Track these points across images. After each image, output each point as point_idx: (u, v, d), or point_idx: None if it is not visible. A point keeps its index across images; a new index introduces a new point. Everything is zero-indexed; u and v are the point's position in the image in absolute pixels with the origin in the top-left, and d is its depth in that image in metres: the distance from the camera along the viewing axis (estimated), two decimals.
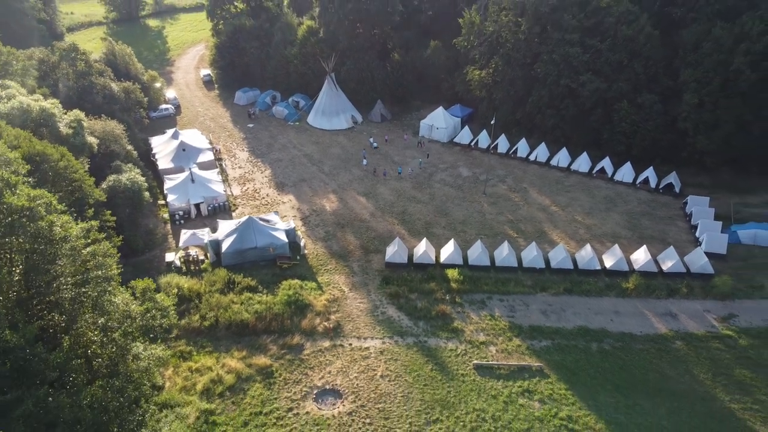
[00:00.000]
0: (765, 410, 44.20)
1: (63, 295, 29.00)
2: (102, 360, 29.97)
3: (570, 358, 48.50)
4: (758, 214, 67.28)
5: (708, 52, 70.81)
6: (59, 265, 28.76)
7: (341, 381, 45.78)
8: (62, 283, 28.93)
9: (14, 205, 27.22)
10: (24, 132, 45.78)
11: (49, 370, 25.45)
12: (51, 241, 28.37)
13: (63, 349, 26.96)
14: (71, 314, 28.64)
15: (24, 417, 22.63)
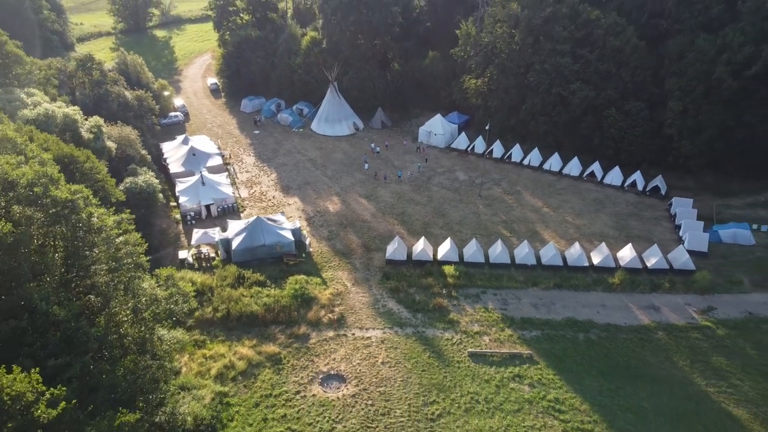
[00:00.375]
0: (738, 393, 47.65)
1: (98, 279, 32.59)
2: (132, 338, 33.48)
3: (558, 347, 51.99)
4: (739, 215, 71.00)
5: (692, 61, 74.72)
6: (96, 252, 32.39)
7: (345, 367, 49.26)
8: (98, 269, 32.54)
9: (59, 197, 30.89)
10: (51, 136, 49.50)
11: (91, 342, 28.96)
12: (89, 230, 32.02)
13: (100, 325, 30.52)
14: (106, 296, 32.22)
15: (73, 379, 26.03)
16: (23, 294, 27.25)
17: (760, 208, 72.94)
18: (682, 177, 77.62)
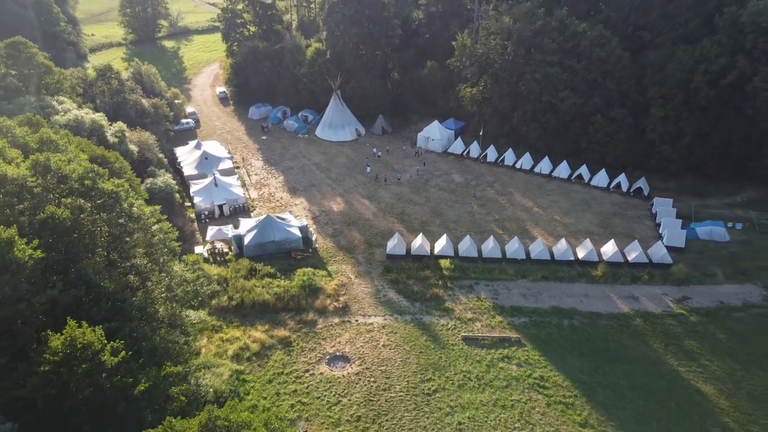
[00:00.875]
0: (707, 372, 52.53)
1: (137, 261, 37.60)
2: (165, 313, 38.41)
3: (544, 332, 56.90)
4: (716, 214, 76.08)
5: (672, 71, 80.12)
6: (135, 237, 37.40)
7: (349, 349, 54.17)
8: (137, 252, 37.54)
9: (105, 189, 35.93)
10: (83, 139, 54.63)
11: (134, 312, 33.88)
12: (130, 218, 37.04)
13: (141, 298, 35.49)
14: (144, 275, 37.17)
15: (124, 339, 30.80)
16: (80, 269, 32.19)
17: (736, 207, 78.02)
18: (665, 179, 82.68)
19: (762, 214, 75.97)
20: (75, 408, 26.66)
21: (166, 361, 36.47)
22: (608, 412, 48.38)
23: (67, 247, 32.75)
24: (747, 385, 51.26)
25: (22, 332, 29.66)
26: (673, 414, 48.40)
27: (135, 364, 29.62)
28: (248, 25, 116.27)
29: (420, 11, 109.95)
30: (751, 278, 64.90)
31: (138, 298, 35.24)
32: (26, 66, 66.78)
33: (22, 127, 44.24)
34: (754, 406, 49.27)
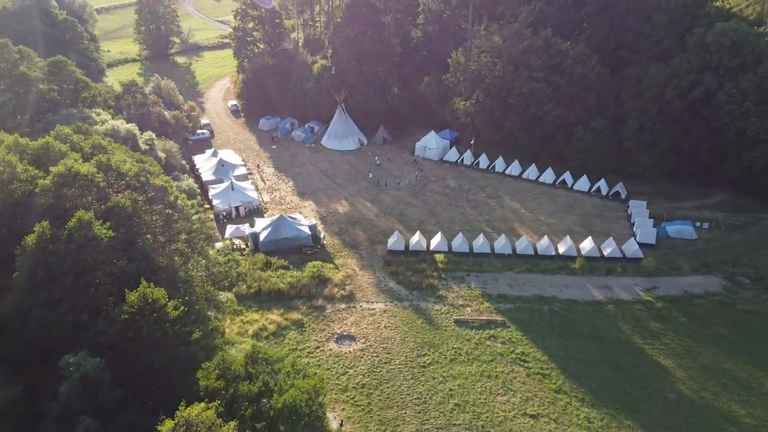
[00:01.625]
0: (668, 349, 60.00)
1: (179, 246, 45.31)
2: (201, 290, 46.02)
3: (526, 316, 64.43)
4: (687, 215, 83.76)
5: (646, 86, 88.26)
6: (179, 224, 45.13)
7: (355, 329, 61.72)
8: (180, 237, 45.26)
9: (156, 185, 43.71)
10: (123, 146, 62.55)
11: (180, 284, 41.50)
12: (174, 208, 44.79)
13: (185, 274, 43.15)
14: (186, 256, 44.84)
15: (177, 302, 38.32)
16: (139, 247, 39.84)
17: (705, 209, 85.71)
18: (641, 184, 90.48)
19: (727, 215, 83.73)
20: (146, 348, 34.14)
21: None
22: (579, 381, 55.88)
23: (127, 229, 40.40)
24: (701, 359, 58.78)
25: (98, 294, 37.23)
26: (636, 383, 55.89)
27: (188, 319, 37.14)
28: (258, 43, 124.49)
29: (418, 30, 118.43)
30: (714, 271, 72.52)
31: (183, 274, 42.84)
32: (66, 81, 74.93)
33: (77, 135, 52.06)
34: (706, 376, 56.77)
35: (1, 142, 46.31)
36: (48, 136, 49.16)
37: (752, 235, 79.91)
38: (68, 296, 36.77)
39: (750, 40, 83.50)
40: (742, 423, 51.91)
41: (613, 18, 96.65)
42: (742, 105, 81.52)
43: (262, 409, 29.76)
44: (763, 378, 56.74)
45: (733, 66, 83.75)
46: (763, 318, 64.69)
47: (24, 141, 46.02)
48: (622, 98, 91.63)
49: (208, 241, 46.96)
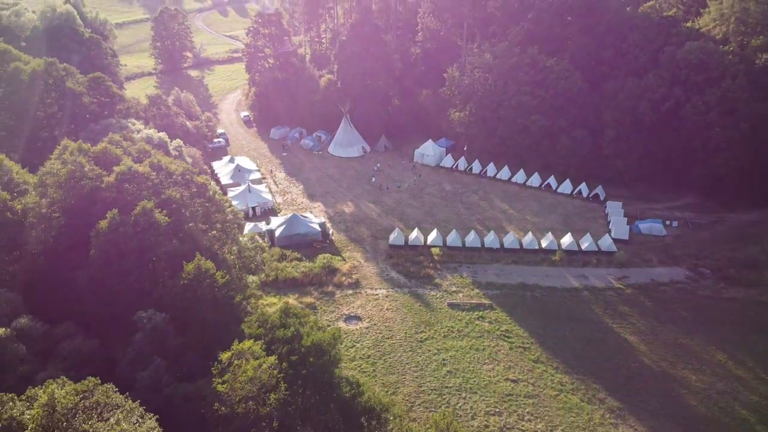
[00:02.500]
0: (634, 328, 68.90)
1: (217, 233, 54.48)
2: (236, 272, 55.12)
3: (511, 300, 73.43)
4: (659, 214, 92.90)
5: (623, 99, 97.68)
6: (216, 215, 54.30)
7: (361, 311, 70.74)
8: (217, 226, 54.43)
9: (198, 182, 52.95)
10: (158, 152, 71.83)
11: (222, 264, 50.60)
12: (212, 201, 54.00)
13: (221, 255, 52.29)
14: (222, 241, 53.97)
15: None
16: (189, 231, 49.01)
17: (676, 209, 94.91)
18: (618, 187, 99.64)
19: (695, 215, 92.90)
20: (201, 307, 43.11)
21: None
22: (555, 353, 64.85)
23: (177, 217, 49.49)
24: (662, 336, 67.73)
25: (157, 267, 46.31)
26: (604, 355, 64.84)
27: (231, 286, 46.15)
28: (268, 59, 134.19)
29: (417, 47, 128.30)
30: (679, 263, 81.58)
31: (221, 255, 51.91)
32: (103, 95, 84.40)
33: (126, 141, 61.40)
34: (665, 350, 65.71)
35: (67, 147, 55.54)
36: (103, 142, 58.47)
37: (716, 232, 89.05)
38: (134, 269, 45.86)
39: (715, 58, 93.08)
40: (693, 386, 60.84)
41: (594, 37, 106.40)
42: (707, 116, 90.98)
43: (294, 347, 38.62)
44: (714, 351, 65.69)
45: (699, 81, 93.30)
46: (718, 302, 73.75)
47: (86, 146, 55.15)
48: (601, 110, 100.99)
49: (239, 230, 56.02)
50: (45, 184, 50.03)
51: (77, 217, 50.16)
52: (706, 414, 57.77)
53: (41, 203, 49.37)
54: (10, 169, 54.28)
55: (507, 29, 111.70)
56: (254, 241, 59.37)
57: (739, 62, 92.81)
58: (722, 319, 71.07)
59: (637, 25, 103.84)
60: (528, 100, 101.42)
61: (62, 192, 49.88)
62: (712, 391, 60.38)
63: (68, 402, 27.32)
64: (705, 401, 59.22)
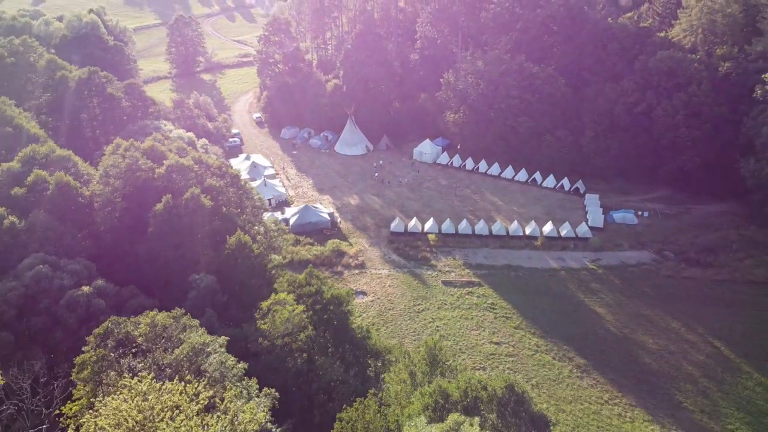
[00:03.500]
0: (602, 302, 79.70)
1: (248, 216, 65.29)
2: (262, 248, 65.85)
3: (497, 279, 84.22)
4: (633, 206, 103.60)
5: (601, 102, 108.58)
6: (246, 201, 65.08)
7: (366, 287, 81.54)
8: (247, 210, 65.25)
9: (231, 173, 63.77)
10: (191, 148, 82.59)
11: (254, 240, 61.39)
12: (243, 189, 64.79)
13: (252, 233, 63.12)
14: (251, 223, 64.73)
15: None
16: (226, 213, 59.81)
17: (648, 201, 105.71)
18: (597, 182, 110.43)
19: (665, 206, 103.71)
20: (239, 272, 53.77)
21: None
22: (533, 322, 75.68)
23: (217, 201, 60.27)
24: (627, 309, 78.52)
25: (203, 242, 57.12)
26: (575, 324, 75.63)
27: (264, 256, 56.93)
28: (278, 64, 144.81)
29: (416, 54, 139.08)
30: (647, 247, 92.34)
31: (253, 233, 62.74)
32: (137, 99, 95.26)
33: (166, 140, 72.22)
34: (628, 319, 76.48)
35: (120, 145, 66.31)
36: (149, 140, 69.31)
37: (681, 221, 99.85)
38: (184, 243, 56.58)
39: (683, 66, 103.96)
40: (649, 348, 71.68)
41: (576, 46, 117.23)
42: (675, 118, 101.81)
43: (317, 299, 49.21)
44: (670, 320, 76.50)
45: (668, 86, 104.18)
46: (678, 281, 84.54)
47: (137, 143, 65.83)
48: (582, 112, 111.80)
49: (265, 214, 66.79)
50: (108, 174, 60.81)
51: (134, 202, 60.94)
52: (658, 369, 68.63)
53: (105, 190, 60.16)
54: (75, 162, 65.12)
55: (498, 38, 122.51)
56: (277, 224, 70.11)
57: (704, 70, 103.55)
58: (680, 294, 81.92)
59: (616, 35, 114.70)
60: (516, 104, 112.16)
61: (122, 181, 60.68)
62: (664, 351, 71.25)
63: (165, 321, 38.00)
64: (658, 360, 70.09)
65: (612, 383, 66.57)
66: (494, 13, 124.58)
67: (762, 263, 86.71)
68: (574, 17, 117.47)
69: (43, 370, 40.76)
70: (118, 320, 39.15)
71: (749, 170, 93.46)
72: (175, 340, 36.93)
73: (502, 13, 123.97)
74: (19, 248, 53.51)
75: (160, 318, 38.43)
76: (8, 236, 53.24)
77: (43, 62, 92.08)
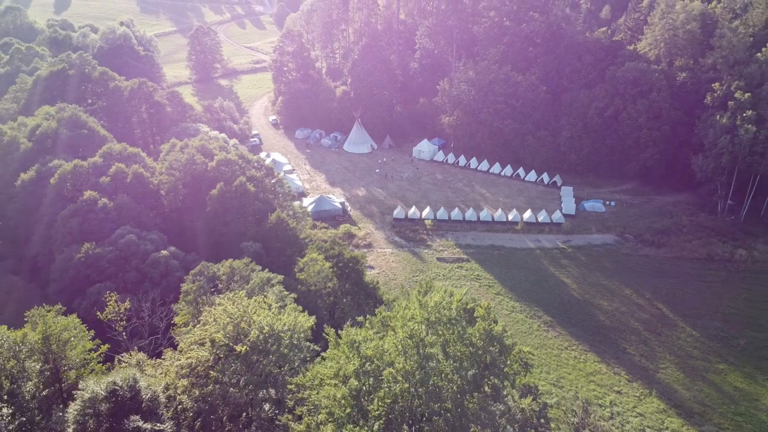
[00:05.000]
0: (569, 274, 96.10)
1: (279, 201, 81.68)
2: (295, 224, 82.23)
3: (483, 256, 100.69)
4: (602, 197, 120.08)
5: (576, 107, 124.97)
6: (278, 189, 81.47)
7: (373, 263, 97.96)
8: (279, 196, 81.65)
9: (266, 165, 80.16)
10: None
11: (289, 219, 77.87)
12: (276, 179, 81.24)
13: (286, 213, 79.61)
14: (282, 206, 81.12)
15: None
16: (264, 197, 76.28)
17: (616, 193, 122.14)
18: (573, 176, 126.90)
19: (630, 197, 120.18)
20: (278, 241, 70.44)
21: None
22: (511, 289, 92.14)
23: (258, 188, 76.76)
24: (589, 279, 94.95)
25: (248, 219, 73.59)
26: (545, 291, 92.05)
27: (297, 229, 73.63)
28: (292, 72, 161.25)
29: (416, 63, 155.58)
30: (611, 231, 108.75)
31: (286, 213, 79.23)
32: (178, 105, 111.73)
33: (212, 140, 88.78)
34: (589, 287, 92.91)
35: (176, 144, 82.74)
36: (195, 139, 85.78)
37: (643, 210, 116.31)
38: (234, 220, 72.95)
39: (646, 76, 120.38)
40: (604, 309, 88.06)
41: (555, 58, 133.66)
42: (638, 120, 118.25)
43: (340, 259, 65.59)
44: (624, 288, 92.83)
45: (633, 93, 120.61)
46: (634, 258, 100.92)
47: (190, 142, 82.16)
48: (559, 116, 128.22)
49: (293, 199, 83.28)
50: (172, 167, 77.31)
51: (192, 188, 77.41)
52: (610, 325, 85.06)
53: (170, 179, 76.64)
54: (143, 157, 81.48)
55: (487, 50, 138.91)
56: (302, 208, 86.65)
57: (664, 79, 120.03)
58: (635, 269, 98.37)
59: (590, 48, 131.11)
60: (502, 108, 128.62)
61: (182, 172, 77.15)
62: (616, 312, 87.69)
63: (238, 266, 54.29)
64: (610, 317, 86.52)
65: (572, 335, 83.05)
66: (485, 27, 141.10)
67: (706, 243, 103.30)
68: (554, 33, 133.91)
69: (157, 298, 57.38)
70: (207, 264, 55.58)
71: (699, 166, 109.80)
72: (246, 277, 53.18)
73: (491, 28, 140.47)
74: (110, 223, 69.97)
75: (235, 264, 54.80)
76: (102, 213, 69.68)
77: (97, 74, 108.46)
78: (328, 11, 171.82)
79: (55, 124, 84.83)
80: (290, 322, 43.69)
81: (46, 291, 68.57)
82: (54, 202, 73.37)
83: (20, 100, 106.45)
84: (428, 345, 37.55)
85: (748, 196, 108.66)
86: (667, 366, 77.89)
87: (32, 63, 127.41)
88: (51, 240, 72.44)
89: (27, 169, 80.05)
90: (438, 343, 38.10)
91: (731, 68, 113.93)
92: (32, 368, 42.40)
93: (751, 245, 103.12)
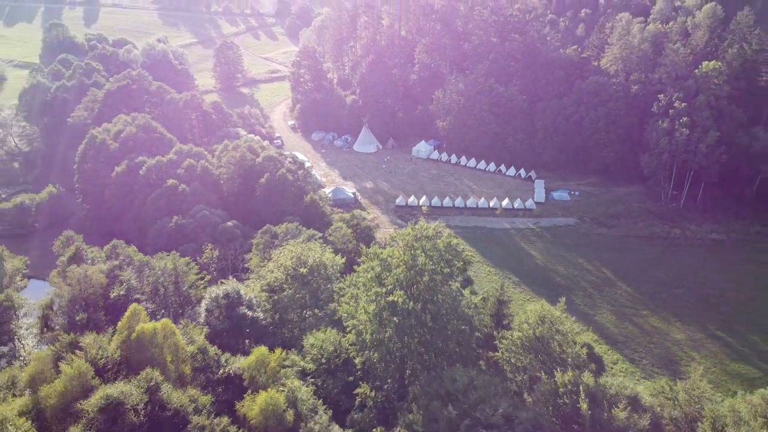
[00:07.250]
0: (536, 249, 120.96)
1: (310, 188, 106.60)
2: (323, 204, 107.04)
3: (468, 234, 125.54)
4: (569, 188, 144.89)
5: (548, 114, 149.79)
6: (308, 178, 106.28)
7: (380, 239, 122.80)
8: (311, 185, 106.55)
9: (299, 161, 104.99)
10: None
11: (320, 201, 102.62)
12: (306, 171, 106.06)
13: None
14: (313, 191, 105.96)
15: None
16: (299, 185, 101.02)
17: (582, 185, 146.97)
18: (548, 172, 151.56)
19: (593, 188, 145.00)
20: (311, 216, 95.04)
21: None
22: (489, 259, 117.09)
23: (294, 177, 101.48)
24: (553, 252, 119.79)
25: (288, 201, 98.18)
26: (516, 260, 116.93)
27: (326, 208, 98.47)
28: (308, 83, 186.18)
29: (415, 75, 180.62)
30: (574, 215, 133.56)
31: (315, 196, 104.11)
32: (220, 113, 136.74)
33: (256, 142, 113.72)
34: (551, 258, 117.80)
35: (228, 145, 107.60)
36: (242, 140, 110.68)
37: (601, 199, 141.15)
38: (278, 201, 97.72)
39: (605, 88, 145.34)
40: (560, 273, 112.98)
41: (532, 72, 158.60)
42: (598, 125, 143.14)
43: (358, 226, 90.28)
44: (578, 258, 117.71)
45: (594, 102, 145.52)
46: (590, 236, 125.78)
47: (240, 142, 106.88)
48: (534, 121, 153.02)
49: (318, 188, 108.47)
50: (230, 162, 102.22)
51: (244, 179, 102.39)
52: (564, 284, 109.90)
53: (227, 172, 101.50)
54: (205, 155, 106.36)
55: (475, 65, 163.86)
56: (326, 195, 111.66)
57: (620, 90, 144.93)
58: (590, 244, 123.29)
59: (561, 64, 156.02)
60: (487, 115, 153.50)
61: (236, 167, 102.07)
62: (569, 275, 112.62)
63: (292, 228, 79.18)
64: (565, 279, 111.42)
65: (533, 291, 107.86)
66: (473, 46, 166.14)
67: (649, 225, 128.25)
68: (531, 51, 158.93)
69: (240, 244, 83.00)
70: (270, 226, 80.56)
71: (645, 162, 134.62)
72: (296, 235, 78.06)
73: (479, 46, 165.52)
74: (187, 203, 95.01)
75: (289, 225, 79.84)
76: (182, 196, 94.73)
77: (154, 87, 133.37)
78: (339, 29, 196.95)
79: (134, 129, 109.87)
80: (330, 258, 68.74)
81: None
82: (143, 188, 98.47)
83: (93, 110, 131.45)
84: (415, 248, 62.53)
85: (685, 187, 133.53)
86: (603, 312, 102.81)
87: (93, 77, 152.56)
88: (139, 218, 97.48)
89: (114, 165, 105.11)
90: (420, 247, 63.06)
91: (674, 82, 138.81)
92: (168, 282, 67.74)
93: (685, 226, 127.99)
